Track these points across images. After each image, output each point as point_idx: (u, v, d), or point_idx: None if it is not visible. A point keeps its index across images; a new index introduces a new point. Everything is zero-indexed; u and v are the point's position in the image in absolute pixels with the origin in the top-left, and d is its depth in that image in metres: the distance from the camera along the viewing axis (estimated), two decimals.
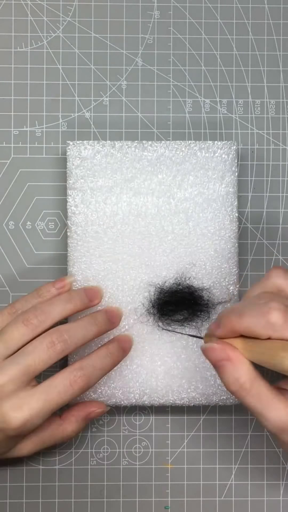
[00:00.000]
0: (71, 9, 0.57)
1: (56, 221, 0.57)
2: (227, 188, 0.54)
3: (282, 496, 0.56)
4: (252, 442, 0.57)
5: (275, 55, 0.58)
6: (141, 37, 0.57)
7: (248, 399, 0.42)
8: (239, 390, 0.42)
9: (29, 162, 0.57)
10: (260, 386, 0.42)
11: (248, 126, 0.57)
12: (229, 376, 0.42)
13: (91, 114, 0.57)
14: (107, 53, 0.57)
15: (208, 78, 0.57)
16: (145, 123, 0.57)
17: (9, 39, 0.57)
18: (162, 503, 0.56)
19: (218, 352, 0.43)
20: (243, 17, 0.58)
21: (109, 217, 0.54)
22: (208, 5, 0.58)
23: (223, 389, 0.54)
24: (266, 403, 0.42)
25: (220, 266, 0.54)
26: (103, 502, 0.56)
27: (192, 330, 0.54)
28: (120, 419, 0.56)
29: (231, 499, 0.56)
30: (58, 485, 0.56)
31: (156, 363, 0.54)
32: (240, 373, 0.42)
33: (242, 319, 0.42)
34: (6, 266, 0.56)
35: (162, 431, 0.56)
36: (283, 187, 0.57)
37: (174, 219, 0.54)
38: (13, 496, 0.56)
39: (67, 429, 0.51)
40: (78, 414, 0.51)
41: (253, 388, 0.42)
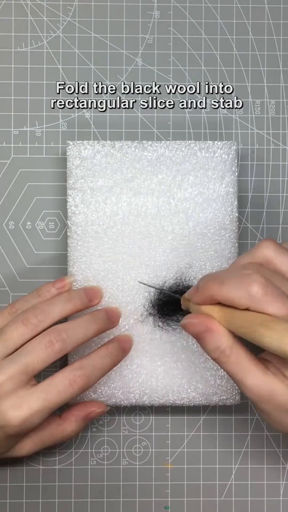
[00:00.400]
0: (71, 9, 0.57)
1: (56, 221, 0.57)
2: (227, 188, 0.54)
3: (282, 496, 0.56)
4: (252, 442, 0.57)
5: (275, 55, 0.58)
6: (141, 37, 0.57)
7: (229, 365, 0.43)
8: (220, 357, 0.43)
9: (29, 162, 0.57)
10: (239, 353, 0.42)
11: (248, 126, 0.57)
12: (210, 345, 0.43)
13: (91, 114, 0.57)
14: (107, 53, 0.57)
15: (208, 78, 0.57)
16: (145, 123, 0.57)
17: (9, 39, 0.57)
18: (162, 503, 0.56)
19: (197, 326, 0.43)
20: (243, 17, 0.58)
21: (109, 217, 0.54)
22: (208, 5, 0.58)
23: (223, 389, 0.54)
24: (245, 371, 0.42)
25: (220, 266, 0.54)
26: (103, 502, 0.56)
27: None
28: (120, 419, 0.56)
29: (231, 499, 0.56)
30: (58, 485, 0.56)
31: (156, 363, 0.54)
32: (220, 340, 0.42)
33: (222, 287, 0.42)
34: (6, 266, 0.56)
35: (162, 431, 0.56)
36: (283, 187, 0.57)
37: (174, 219, 0.54)
38: (13, 496, 0.56)
39: (67, 429, 0.51)
40: (78, 414, 0.51)
41: (232, 354, 0.42)
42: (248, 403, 0.57)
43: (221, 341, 0.42)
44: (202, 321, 0.43)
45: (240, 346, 0.43)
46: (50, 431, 0.50)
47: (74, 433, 0.51)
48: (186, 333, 0.44)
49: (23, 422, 0.46)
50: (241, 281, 0.41)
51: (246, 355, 0.43)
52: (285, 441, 0.57)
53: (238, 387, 0.43)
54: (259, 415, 0.45)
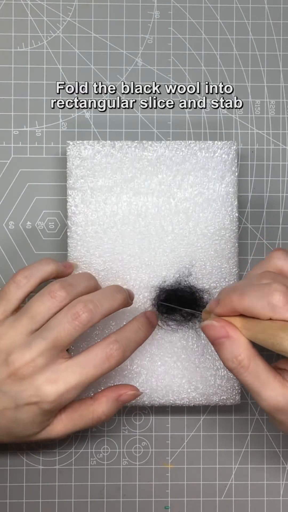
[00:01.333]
0: (71, 9, 0.57)
1: (56, 221, 0.57)
2: (227, 188, 0.54)
3: (282, 496, 0.56)
4: (252, 442, 0.57)
5: (275, 55, 0.58)
6: (141, 37, 0.57)
7: (246, 376, 0.42)
8: (237, 367, 0.43)
9: (29, 162, 0.57)
10: (257, 364, 0.42)
11: (248, 126, 0.57)
12: (228, 353, 0.43)
13: (91, 114, 0.57)
14: (107, 53, 0.57)
15: (208, 78, 0.57)
16: (145, 123, 0.57)
17: (9, 39, 0.57)
18: (162, 503, 0.56)
19: (217, 329, 0.43)
20: (243, 17, 0.58)
21: (109, 217, 0.54)
22: (208, 5, 0.58)
23: (223, 389, 0.54)
24: (263, 382, 0.42)
25: (220, 266, 0.54)
26: (103, 502, 0.56)
27: (192, 330, 0.54)
28: (120, 419, 0.56)
29: (231, 499, 0.56)
30: (58, 485, 0.56)
31: (156, 363, 0.54)
32: (239, 350, 0.42)
33: (243, 298, 0.42)
34: (6, 266, 0.56)
35: (162, 431, 0.56)
36: (283, 187, 0.57)
37: (174, 219, 0.54)
38: (13, 496, 0.56)
39: (98, 410, 0.49)
40: (109, 395, 0.50)
41: (250, 366, 0.42)
42: (248, 403, 0.57)
43: (240, 351, 0.42)
44: (224, 326, 0.43)
45: (259, 358, 0.43)
46: (81, 412, 0.49)
47: (105, 416, 0.50)
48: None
49: (59, 397, 0.46)
50: (261, 292, 0.41)
51: (264, 367, 0.42)
52: (285, 441, 0.57)
53: (254, 398, 0.43)
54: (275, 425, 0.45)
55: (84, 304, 0.47)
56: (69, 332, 0.46)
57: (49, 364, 0.46)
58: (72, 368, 0.46)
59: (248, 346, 0.43)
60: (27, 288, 0.49)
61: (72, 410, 0.49)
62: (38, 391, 0.46)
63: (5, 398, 0.46)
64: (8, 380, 0.46)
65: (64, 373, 0.46)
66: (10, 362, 0.46)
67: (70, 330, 0.46)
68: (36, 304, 0.48)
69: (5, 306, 0.49)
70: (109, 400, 0.50)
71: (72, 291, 0.48)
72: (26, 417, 0.46)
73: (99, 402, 0.50)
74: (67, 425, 0.49)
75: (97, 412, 0.49)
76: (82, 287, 0.49)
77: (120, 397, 0.50)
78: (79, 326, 0.46)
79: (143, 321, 0.50)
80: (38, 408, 0.46)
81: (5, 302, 0.49)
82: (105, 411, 0.50)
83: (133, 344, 0.49)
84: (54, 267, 0.50)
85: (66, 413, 0.49)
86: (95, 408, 0.49)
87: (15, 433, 0.48)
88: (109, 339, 0.48)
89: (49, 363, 0.46)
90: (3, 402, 0.46)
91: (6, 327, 0.48)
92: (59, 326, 0.46)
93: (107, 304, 0.48)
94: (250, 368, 0.42)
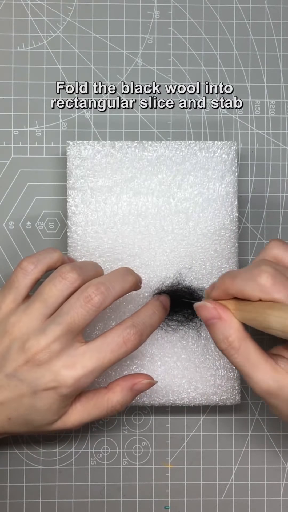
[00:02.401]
0: (71, 9, 0.57)
1: (56, 221, 0.57)
2: (227, 188, 0.54)
3: (282, 496, 0.56)
4: (252, 442, 0.57)
5: (275, 55, 0.58)
6: (141, 37, 0.57)
7: (236, 358, 0.43)
8: (228, 348, 0.43)
9: (29, 162, 0.57)
10: (248, 347, 0.43)
11: (248, 126, 0.57)
12: (219, 334, 0.44)
13: (91, 114, 0.57)
14: (107, 53, 0.57)
15: (208, 78, 0.57)
16: (145, 123, 0.57)
17: (9, 39, 0.57)
18: (162, 503, 0.56)
19: (210, 310, 0.44)
20: (243, 17, 0.58)
21: (109, 217, 0.54)
22: (208, 5, 0.58)
23: (223, 389, 0.54)
24: (254, 365, 0.43)
25: (220, 266, 0.54)
26: (103, 502, 0.56)
27: (192, 330, 0.54)
28: (120, 419, 0.56)
29: (231, 499, 0.56)
30: (58, 485, 0.56)
31: (156, 363, 0.54)
32: (230, 331, 0.43)
33: (234, 281, 0.43)
34: (6, 266, 0.56)
35: (162, 431, 0.56)
36: (283, 187, 0.57)
37: (174, 219, 0.54)
38: (13, 496, 0.56)
39: (112, 399, 0.49)
40: (124, 384, 0.49)
41: (241, 347, 0.43)
42: (248, 403, 0.57)
43: (230, 332, 0.43)
44: (216, 307, 0.44)
45: (250, 341, 0.43)
46: (96, 401, 0.49)
47: (120, 405, 0.49)
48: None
49: (77, 381, 0.45)
50: (251, 273, 0.43)
51: (255, 350, 0.43)
52: (285, 441, 0.57)
53: (245, 380, 0.44)
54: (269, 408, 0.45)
55: (96, 286, 0.46)
56: (83, 315, 0.46)
57: (65, 349, 0.46)
58: (89, 353, 0.46)
59: (239, 328, 0.43)
60: (34, 275, 0.49)
61: (87, 399, 0.49)
62: (56, 376, 0.45)
63: (22, 385, 0.46)
64: (25, 367, 0.46)
65: (81, 357, 0.46)
66: (26, 348, 0.46)
67: (84, 313, 0.46)
68: (48, 287, 0.47)
69: (15, 294, 0.48)
70: (123, 389, 0.49)
71: (82, 273, 0.48)
72: (44, 403, 0.46)
73: (114, 392, 0.49)
74: (82, 415, 0.49)
75: (111, 401, 0.49)
76: (91, 270, 0.49)
77: (135, 386, 0.50)
78: (92, 309, 0.46)
79: (157, 305, 0.50)
80: (56, 394, 0.46)
81: (14, 290, 0.48)
82: (120, 400, 0.49)
83: (149, 329, 0.49)
84: (59, 254, 0.50)
85: (81, 402, 0.48)
86: (110, 398, 0.49)
87: (32, 421, 0.47)
88: (125, 323, 0.47)
89: (65, 348, 0.46)
90: (21, 390, 0.46)
91: (20, 314, 0.47)
92: (72, 311, 0.46)
93: (118, 286, 0.47)
94: (240, 349, 0.43)
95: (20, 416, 0.47)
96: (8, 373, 0.46)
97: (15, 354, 0.46)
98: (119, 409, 0.49)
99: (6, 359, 0.46)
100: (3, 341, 0.47)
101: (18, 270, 0.49)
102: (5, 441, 0.56)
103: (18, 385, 0.46)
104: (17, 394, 0.46)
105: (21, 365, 0.46)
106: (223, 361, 0.54)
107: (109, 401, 0.49)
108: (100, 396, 0.49)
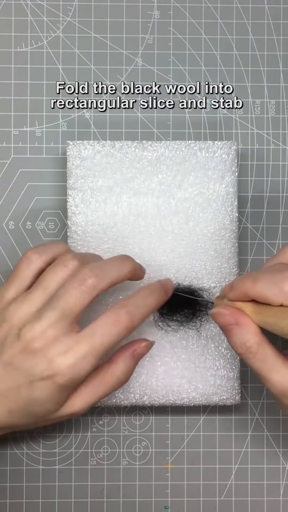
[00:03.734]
0: (71, 9, 0.57)
1: (56, 221, 0.57)
2: (227, 188, 0.54)
3: (282, 496, 0.56)
4: (252, 442, 0.57)
5: (275, 55, 0.58)
6: (141, 37, 0.57)
7: (254, 362, 0.44)
8: (246, 353, 0.44)
9: (29, 162, 0.57)
10: (266, 350, 0.43)
11: (248, 126, 0.57)
12: (237, 339, 0.44)
13: (91, 114, 0.57)
14: (107, 53, 0.57)
15: (208, 78, 0.57)
16: (145, 123, 0.57)
17: (9, 39, 0.57)
18: (162, 503, 0.56)
19: (226, 317, 0.44)
20: (243, 17, 0.58)
21: (109, 217, 0.54)
22: (208, 5, 0.58)
23: (223, 389, 0.54)
24: (271, 367, 0.43)
25: (220, 266, 0.54)
26: (103, 502, 0.56)
27: (192, 330, 0.54)
28: (120, 419, 0.56)
29: (231, 499, 0.56)
30: (58, 485, 0.56)
31: (156, 363, 0.54)
32: (248, 337, 0.43)
33: (256, 284, 0.43)
34: (6, 266, 0.56)
35: (162, 431, 0.56)
36: (283, 187, 0.57)
37: (174, 219, 0.54)
38: (13, 496, 0.56)
39: (116, 372, 0.48)
40: (124, 354, 0.49)
41: (259, 352, 0.43)
42: (248, 403, 0.57)
43: (248, 337, 0.43)
44: (232, 313, 0.44)
45: (267, 344, 0.44)
46: (100, 378, 0.48)
47: (124, 375, 0.48)
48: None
49: (72, 369, 0.44)
50: (274, 279, 0.42)
51: (272, 353, 0.44)
52: (285, 441, 0.57)
53: (262, 382, 0.44)
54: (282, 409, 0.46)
55: (90, 269, 0.46)
56: (76, 298, 0.45)
57: (60, 336, 0.45)
58: (82, 339, 0.45)
59: (257, 333, 0.44)
60: (39, 264, 0.48)
61: (90, 379, 0.47)
62: (51, 364, 0.44)
63: (18, 375, 0.45)
64: (20, 355, 0.45)
65: (75, 344, 0.45)
66: (22, 335, 0.45)
67: (77, 296, 0.45)
68: (49, 275, 0.47)
69: (18, 283, 0.48)
70: (125, 358, 0.49)
71: (84, 262, 0.47)
72: (42, 394, 0.45)
73: (116, 363, 0.48)
74: (89, 396, 0.47)
75: (116, 373, 0.48)
76: (93, 260, 0.49)
77: (135, 352, 0.49)
78: (85, 291, 0.45)
79: (155, 286, 0.49)
80: (53, 383, 0.44)
81: (17, 279, 0.48)
82: (124, 370, 0.48)
83: (142, 309, 0.47)
84: (64, 246, 0.50)
85: (85, 383, 0.47)
86: (114, 371, 0.48)
87: (34, 412, 0.46)
88: (116, 304, 0.46)
89: (60, 334, 0.45)
90: (17, 380, 0.45)
91: (20, 302, 0.47)
92: (66, 294, 0.45)
93: (114, 271, 0.47)
94: (258, 354, 0.43)
95: (20, 408, 0.46)
96: (5, 361, 0.45)
97: (11, 342, 0.45)
98: (125, 380, 0.49)
99: (3, 347, 0.45)
100: (2, 329, 0.46)
101: (22, 260, 0.48)
102: (5, 441, 0.56)
103: (14, 374, 0.45)
104: (14, 384, 0.45)
105: (16, 353, 0.45)
106: (223, 361, 0.54)
107: (114, 374, 0.48)
108: (103, 372, 0.48)
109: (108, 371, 0.48)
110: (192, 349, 0.54)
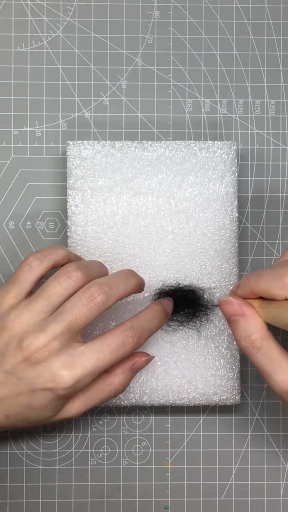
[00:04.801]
0: (71, 9, 0.57)
1: (56, 221, 0.57)
2: (227, 188, 0.54)
3: (282, 496, 0.56)
4: (252, 442, 0.57)
5: (275, 55, 0.58)
6: (141, 37, 0.57)
7: (258, 357, 0.43)
8: (249, 347, 0.43)
9: (29, 162, 0.57)
10: (270, 347, 0.43)
11: (248, 126, 0.57)
12: (241, 332, 0.44)
13: (91, 114, 0.57)
14: (107, 53, 0.57)
15: (208, 78, 0.57)
16: (145, 123, 0.57)
17: (9, 39, 0.57)
18: (162, 503, 0.56)
19: (234, 305, 0.44)
20: (243, 17, 0.58)
21: (109, 217, 0.54)
22: (208, 5, 0.58)
23: (223, 389, 0.54)
24: (275, 364, 0.43)
25: (220, 266, 0.54)
26: (103, 502, 0.56)
27: (192, 330, 0.54)
28: (120, 419, 0.56)
29: (231, 499, 0.56)
30: (58, 485, 0.56)
31: (156, 363, 0.54)
32: (253, 330, 0.43)
33: (260, 280, 0.43)
34: (6, 266, 0.56)
35: (162, 431, 0.56)
36: (283, 187, 0.57)
37: (174, 219, 0.54)
38: (13, 496, 0.56)
39: (114, 382, 0.49)
40: (124, 365, 0.49)
41: (263, 347, 0.43)
42: (248, 403, 0.57)
43: (253, 330, 0.43)
44: (240, 304, 0.44)
45: (273, 340, 0.44)
46: (97, 387, 0.49)
47: (121, 386, 0.49)
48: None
49: (75, 382, 0.45)
50: (277, 273, 0.43)
51: (277, 350, 0.43)
52: (285, 441, 0.57)
53: (265, 380, 0.44)
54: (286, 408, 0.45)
55: (99, 286, 0.46)
56: (85, 314, 0.45)
57: (65, 348, 0.45)
58: (89, 353, 0.46)
59: (262, 327, 0.44)
60: (40, 271, 0.48)
61: (88, 387, 0.48)
62: (54, 377, 0.45)
63: (20, 383, 0.45)
64: (23, 364, 0.45)
65: (80, 357, 0.45)
66: (25, 346, 0.45)
67: (86, 312, 0.45)
68: (52, 284, 0.47)
69: (18, 289, 0.48)
70: (124, 370, 0.49)
71: (87, 272, 0.47)
72: (40, 402, 0.46)
73: (115, 374, 0.49)
74: (84, 403, 0.48)
75: (114, 384, 0.49)
76: (97, 270, 0.49)
77: (134, 365, 0.50)
78: (94, 308, 0.46)
79: (158, 309, 0.50)
80: (53, 394, 0.45)
81: (18, 285, 0.48)
82: (121, 381, 0.49)
83: (147, 333, 0.49)
84: (66, 252, 0.49)
85: (82, 390, 0.48)
86: (112, 381, 0.49)
87: (30, 418, 0.47)
88: (125, 325, 0.47)
89: (64, 347, 0.45)
90: (18, 388, 0.46)
91: (21, 310, 0.47)
92: (74, 309, 0.45)
93: (121, 287, 0.47)
94: (262, 349, 0.43)
95: (18, 413, 0.47)
96: (6, 369, 0.46)
97: (13, 350, 0.46)
98: (121, 391, 0.49)
99: (5, 356, 0.46)
100: (2, 336, 0.46)
101: (23, 265, 0.48)
102: (5, 441, 0.56)
103: (16, 382, 0.46)
104: (14, 392, 0.46)
105: (19, 362, 0.45)
106: (223, 361, 0.54)
107: (112, 384, 0.49)
108: (101, 381, 0.49)
109: (106, 381, 0.49)
110: (192, 349, 0.54)
